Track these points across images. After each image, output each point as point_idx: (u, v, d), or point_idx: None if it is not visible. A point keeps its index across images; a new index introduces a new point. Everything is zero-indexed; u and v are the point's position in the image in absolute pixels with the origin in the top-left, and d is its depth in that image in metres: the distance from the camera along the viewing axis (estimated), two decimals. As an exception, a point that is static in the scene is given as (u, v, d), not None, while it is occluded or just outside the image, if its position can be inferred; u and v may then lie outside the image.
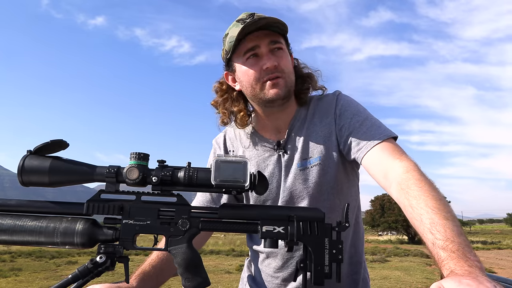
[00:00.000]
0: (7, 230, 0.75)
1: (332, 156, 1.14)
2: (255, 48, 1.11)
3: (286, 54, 1.15)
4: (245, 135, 1.28)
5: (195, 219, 0.78)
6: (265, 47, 1.10)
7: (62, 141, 0.78)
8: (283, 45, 1.14)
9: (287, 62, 1.14)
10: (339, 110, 1.16)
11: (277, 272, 1.22)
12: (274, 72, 1.10)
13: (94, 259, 0.76)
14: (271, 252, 1.23)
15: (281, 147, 1.19)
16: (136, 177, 0.74)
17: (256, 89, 1.13)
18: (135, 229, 0.77)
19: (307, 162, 1.15)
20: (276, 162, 1.19)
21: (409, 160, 0.96)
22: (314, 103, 1.23)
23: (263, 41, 1.10)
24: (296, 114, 1.21)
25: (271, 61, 1.09)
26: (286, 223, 0.77)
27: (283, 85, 1.11)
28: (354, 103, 1.18)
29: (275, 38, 1.12)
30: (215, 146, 1.35)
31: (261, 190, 0.77)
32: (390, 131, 1.07)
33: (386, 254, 14.77)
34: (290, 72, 1.14)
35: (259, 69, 1.10)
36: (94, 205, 0.77)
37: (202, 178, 0.75)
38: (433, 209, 0.79)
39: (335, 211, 1.15)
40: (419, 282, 8.58)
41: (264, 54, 1.11)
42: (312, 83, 1.22)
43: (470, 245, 0.72)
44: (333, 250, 0.75)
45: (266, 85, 1.11)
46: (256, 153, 1.23)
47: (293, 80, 1.16)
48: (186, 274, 0.76)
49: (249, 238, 1.36)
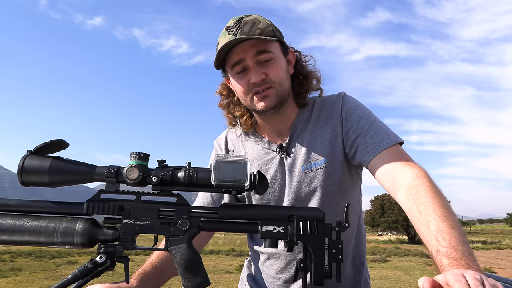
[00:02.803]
0: (7, 230, 0.75)
1: (337, 159, 1.13)
2: (241, 61, 1.08)
3: (276, 62, 1.09)
4: (247, 137, 1.27)
5: (195, 219, 0.78)
6: (251, 59, 1.06)
7: (62, 141, 0.78)
8: (272, 52, 1.08)
9: (278, 70, 1.09)
10: (345, 112, 1.14)
11: (280, 274, 1.22)
12: (262, 85, 1.08)
13: (94, 259, 0.76)
14: (273, 253, 1.23)
15: (283, 149, 1.18)
16: (136, 177, 0.74)
17: (246, 101, 1.13)
18: (135, 229, 0.77)
19: (312, 165, 1.14)
20: (278, 164, 1.18)
21: (419, 167, 0.97)
22: (318, 104, 1.21)
23: (248, 53, 1.06)
24: (298, 116, 1.20)
25: (258, 75, 1.06)
26: (286, 223, 0.77)
27: (273, 95, 1.09)
28: (360, 105, 1.17)
29: (262, 48, 1.06)
30: (216, 147, 1.35)
31: (261, 190, 0.77)
32: (397, 137, 1.07)
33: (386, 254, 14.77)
34: (282, 81, 1.10)
35: (247, 82, 1.09)
36: (94, 205, 0.77)
37: (202, 178, 0.75)
38: (441, 217, 0.80)
39: (340, 214, 1.13)
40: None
41: (251, 67, 1.07)
42: (312, 83, 1.20)
43: (474, 254, 0.74)
44: (333, 250, 0.75)
45: (255, 98, 1.10)
46: (258, 155, 1.22)
47: (286, 88, 1.12)
48: (186, 274, 0.76)
49: (250, 238, 1.35)
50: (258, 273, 1.30)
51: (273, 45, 1.09)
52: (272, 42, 1.08)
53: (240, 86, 1.11)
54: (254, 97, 1.10)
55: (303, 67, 1.21)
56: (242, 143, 1.28)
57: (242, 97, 1.14)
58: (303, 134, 1.18)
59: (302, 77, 1.19)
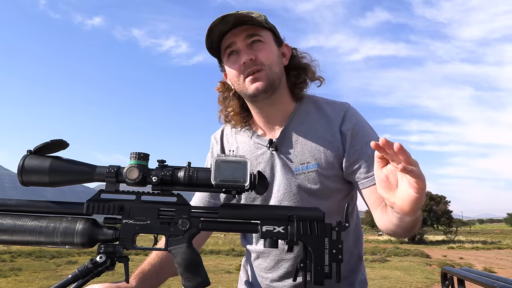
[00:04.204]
0: (7, 230, 0.75)
1: (330, 166, 1.13)
2: (232, 45, 1.11)
3: (266, 46, 1.12)
4: (241, 132, 1.28)
5: (195, 219, 0.78)
6: (241, 42, 1.11)
7: (62, 141, 0.78)
8: (262, 37, 1.12)
9: (268, 53, 1.11)
10: (352, 129, 1.14)
11: (267, 273, 1.23)
12: (252, 66, 1.09)
13: (94, 259, 0.76)
14: (262, 252, 1.23)
15: (273, 145, 1.17)
16: (136, 177, 0.74)
17: (239, 85, 1.14)
18: (135, 229, 0.77)
19: (304, 167, 1.14)
20: (268, 160, 1.18)
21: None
22: (321, 106, 1.20)
23: (238, 37, 1.10)
24: (294, 111, 1.19)
25: (247, 55, 1.09)
26: (286, 223, 0.77)
27: (263, 78, 1.10)
28: (366, 124, 1.18)
29: (252, 32, 1.11)
30: (212, 141, 1.36)
31: (261, 190, 0.77)
32: None
33: (386, 254, 14.77)
34: (272, 64, 1.12)
35: (239, 65, 1.11)
36: (94, 205, 0.77)
37: (202, 178, 0.75)
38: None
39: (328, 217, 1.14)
40: (419, 282, 8.58)
41: (241, 49, 1.11)
42: (309, 74, 1.20)
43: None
44: (333, 250, 0.75)
45: (246, 80, 1.11)
46: (249, 150, 1.22)
47: (276, 72, 1.13)
48: (186, 274, 0.76)
49: (243, 237, 1.36)
50: (252, 272, 1.31)
51: (264, 32, 1.13)
52: (263, 29, 1.12)
53: (232, 70, 1.13)
54: (245, 80, 1.11)
55: (300, 61, 1.22)
56: (235, 137, 1.29)
57: (235, 82, 1.15)
58: (298, 132, 1.17)
59: (299, 69, 1.20)
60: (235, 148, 1.26)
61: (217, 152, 1.31)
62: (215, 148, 1.33)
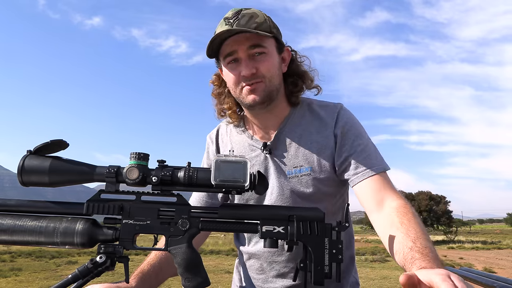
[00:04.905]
0: (7, 230, 0.75)
1: (323, 169, 1.13)
2: (233, 53, 1.08)
3: (269, 58, 1.09)
4: (236, 132, 1.27)
5: (195, 219, 0.78)
6: (243, 52, 1.06)
7: (62, 141, 0.78)
8: (266, 48, 1.08)
9: (270, 66, 1.09)
10: (342, 128, 1.14)
11: (258, 274, 1.23)
12: (251, 79, 1.07)
13: (94, 259, 0.76)
14: (253, 253, 1.23)
15: (267, 148, 1.17)
16: (136, 177, 0.74)
17: (236, 93, 1.13)
18: (135, 229, 0.77)
19: (297, 171, 1.14)
20: (261, 163, 1.18)
21: (405, 198, 1.06)
22: (314, 109, 1.20)
23: (241, 46, 1.06)
24: (289, 115, 1.19)
25: (248, 68, 1.06)
26: (286, 223, 0.77)
27: (261, 90, 1.08)
28: (356, 123, 1.17)
29: (255, 42, 1.06)
30: (208, 141, 1.35)
31: (261, 190, 0.77)
32: (386, 164, 1.12)
33: (386, 254, 14.76)
34: (273, 76, 1.10)
35: (238, 74, 1.08)
36: (94, 205, 0.77)
37: (202, 178, 0.75)
38: (422, 232, 0.89)
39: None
40: (419, 282, 8.56)
41: (243, 60, 1.07)
42: (306, 82, 1.20)
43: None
44: (333, 250, 0.75)
45: (244, 90, 1.10)
46: (244, 151, 1.22)
47: (275, 84, 1.11)
48: (186, 274, 0.76)
49: (236, 238, 1.36)
50: (244, 272, 1.31)
51: (267, 41, 1.09)
52: (267, 37, 1.08)
53: (231, 76, 1.11)
54: (243, 89, 1.10)
55: (298, 66, 1.20)
56: (230, 137, 1.28)
57: (232, 88, 1.14)
58: (291, 136, 1.17)
59: (296, 76, 1.19)
60: (230, 148, 1.25)
61: (213, 152, 1.31)
62: (211, 148, 1.33)
